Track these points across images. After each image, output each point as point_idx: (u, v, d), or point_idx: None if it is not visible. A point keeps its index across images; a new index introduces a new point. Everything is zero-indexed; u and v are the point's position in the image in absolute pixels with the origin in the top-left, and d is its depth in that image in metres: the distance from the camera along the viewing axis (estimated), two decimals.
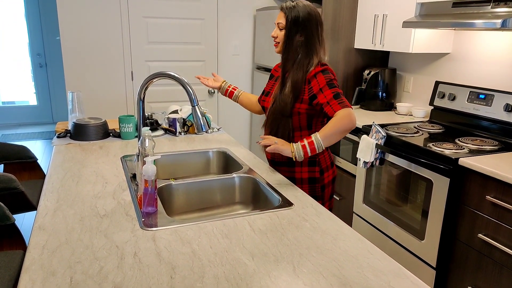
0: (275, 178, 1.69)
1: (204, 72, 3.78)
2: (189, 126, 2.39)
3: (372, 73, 3.07)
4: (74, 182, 1.61)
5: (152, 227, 1.26)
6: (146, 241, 1.17)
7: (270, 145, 1.61)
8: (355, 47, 3.20)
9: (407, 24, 2.50)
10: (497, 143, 2.25)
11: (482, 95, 2.45)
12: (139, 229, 1.25)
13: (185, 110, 2.49)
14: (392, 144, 2.38)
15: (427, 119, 2.88)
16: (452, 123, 2.65)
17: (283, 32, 1.71)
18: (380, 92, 3.09)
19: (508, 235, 1.81)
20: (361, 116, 2.92)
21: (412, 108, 2.97)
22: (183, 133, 2.38)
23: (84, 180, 1.63)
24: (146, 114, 2.45)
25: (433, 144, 2.21)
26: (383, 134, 2.35)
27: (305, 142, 1.59)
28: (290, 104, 1.70)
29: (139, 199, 1.44)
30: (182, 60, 3.70)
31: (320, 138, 1.58)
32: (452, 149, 2.12)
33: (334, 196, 3.02)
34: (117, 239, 1.18)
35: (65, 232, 1.22)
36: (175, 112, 2.51)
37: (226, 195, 1.71)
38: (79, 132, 2.21)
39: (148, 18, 3.50)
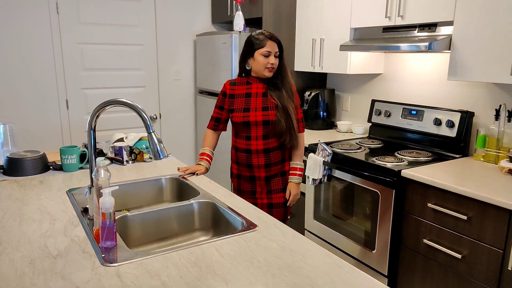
0: (235, 201, 1.68)
1: (145, 98, 3.71)
2: (136, 154, 2.31)
3: (312, 94, 3.21)
4: (16, 222, 1.48)
5: (115, 263, 1.19)
6: (110, 278, 1.11)
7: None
8: (295, 69, 3.34)
9: (343, 47, 2.67)
10: (430, 154, 2.44)
11: (413, 111, 2.66)
12: (100, 266, 1.18)
13: (131, 138, 2.42)
14: (338, 161, 2.49)
15: (366, 135, 3.06)
16: (389, 138, 2.84)
17: (277, 59, 2.05)
18: (321, 112, 3.23)
19: (450, 238, 1.96)
20: (306, 136, 3.02)
21: (352, 125, 3.14)
22: (130, 162, 2.29)
23: (28, 219, 1.51)
24: None
25: (376, 158, 2.34)
26: (329, 152, 2.46)
27: (298, 172, 2.15)
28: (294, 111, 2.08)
29: (95, 234, 1.36)
30: (122, 86, 3.59)
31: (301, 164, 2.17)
32: (393, 162, 2.26)
33: None
34: (77, 279, 1.10)
35: (15, 277, 1.11)
36: (121, 140, 2.42)
37: (185, 223, 1.67)
38: (14, 167, 2.04)
39: (83, 44, 3.38)
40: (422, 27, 2.32)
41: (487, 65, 2.04)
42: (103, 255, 1.23)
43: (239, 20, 3.13)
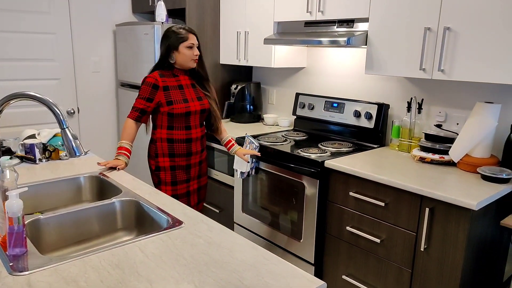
0: (160, 198, 1.62)
1: (61, 91, 3.44)
2: (51, 151, 2.14)
3: (239, 87, 3.21)
4: None
5: (25, 271, 1.08)
6: None
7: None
8: (221, 62, 3.31)
9: (267, 41, 2.69)
10: (351, 145, 2.57)
11: (335, 103, 2.78)
12: (8, 275, 1.06)
13: (44, 134, 2.23)
14: (265, 153, 2.52)
15: (292, 127, 3.13)
16: (313, 130, 2.93)
17: (198, 50, 2.19)
18: (248, 105, 3.24)
19: (370, 224, 2.08)
20: (233, 129, 3.02)
21: (278, 118, 3.19)
22: (44, 160, 2.11)
23: None
24: None
25: (301, 150, 2.40)
26: (256, 145, 2.47)
27: (234, 141, 2.42)
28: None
29: (1, 240, 1.23)
30: (32, 78, 3.29)
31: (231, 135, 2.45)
32: (317, 153, 2.34)
33: (214, 209, 3.05)
34: None
35: None
36: (32, 137, 2.22)
37: (107, 223, 1.58)
38: None
39: None
40: (341, 22, 2.42)
41: (399, 60, 2.18)
42: (11, 264, 1.12)
43: (161, 11, 3.02)
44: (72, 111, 3.52)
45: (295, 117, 3.07)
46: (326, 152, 2.38)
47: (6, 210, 1.15)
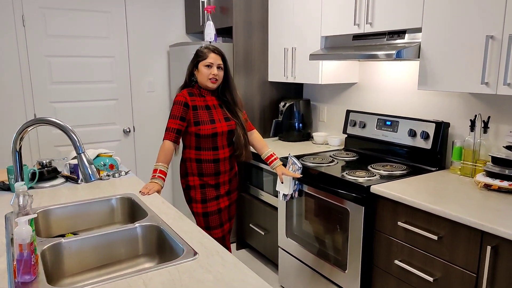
0: (182, 225, 1.55)
1: (118, 110, 3.59)
2: None
3: (287, 104, 3.10)
4: None
5: None
6: None
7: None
8: (269, 80, 3.23)
9: (313, 56, 2.56)
10: (405, 167, 2.32)
11: (388, 122, 2.55)
12: None
13: (89, 154, 2.29)
14: (309, 175, 2.37)
15: (342, 147, 2.94)
16: (365, 150, 2.72)
17: (221, 71, 2.15)
18: (297, 123, 3.11)
19: (421, 259, 1.83)
20: (279, 148, 2.91)
21: (328, 137, 3.02)
22: None
23: None
24: (44, 162, 2.21)
25: (346, 173, 2.22)
26: (299, 166, 2.33)
27: (275, 156, 2.33)
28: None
29: (14, 266, 1.23)
30: (93, 99, 3.47)
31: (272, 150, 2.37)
32: (364, 177, 2.14)
33: (260, 231, 2.94)
34: None
35: None
36: None
37: (129, 248, 1.54)
38: None
39: (51, 57, 3.26)
40: (391, 34, 2.21)
41: (457, 73, 1.93)
42: None
43: (209, 30, 3.03)
44: (128, 130, 3.65)
45: (346, 135, 2.88)
46: (375, 175, 2.17)
47: (15, 237, 1.15)
